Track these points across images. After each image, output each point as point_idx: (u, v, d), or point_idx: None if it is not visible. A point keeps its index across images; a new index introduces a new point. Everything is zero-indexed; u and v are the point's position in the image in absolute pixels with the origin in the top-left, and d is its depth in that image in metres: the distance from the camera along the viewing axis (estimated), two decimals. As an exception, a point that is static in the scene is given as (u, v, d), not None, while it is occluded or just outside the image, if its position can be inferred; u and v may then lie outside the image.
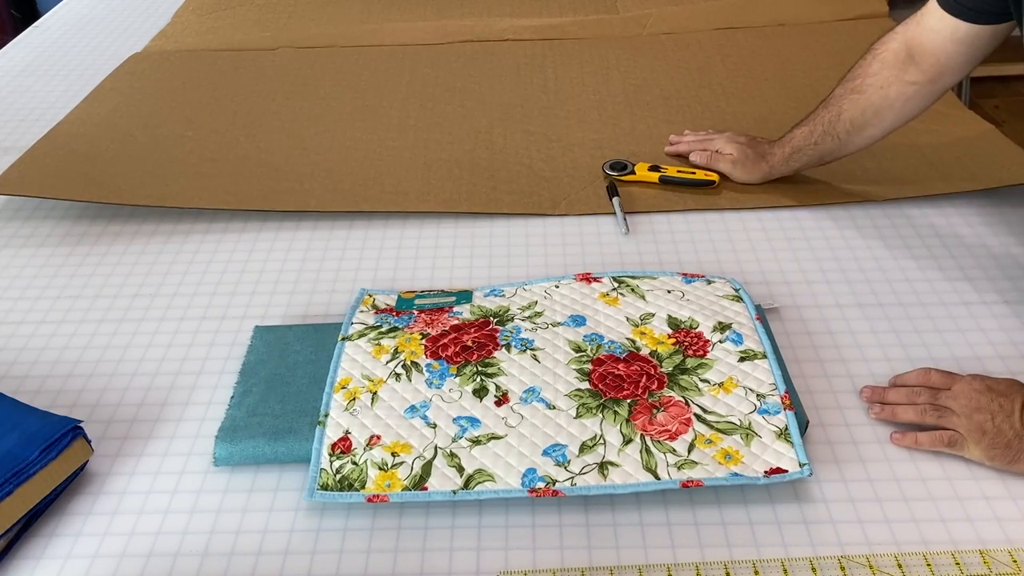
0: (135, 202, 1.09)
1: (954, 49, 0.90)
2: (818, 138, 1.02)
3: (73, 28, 1.68)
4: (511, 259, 1.00)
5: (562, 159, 1.17)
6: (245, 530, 0.70)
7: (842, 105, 0.99)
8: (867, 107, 0.98)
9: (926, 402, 0.76)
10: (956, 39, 0.89)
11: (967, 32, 0.88)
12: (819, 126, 1.02)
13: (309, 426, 0.76)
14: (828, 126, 1.01)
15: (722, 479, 0.70)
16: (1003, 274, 0.95)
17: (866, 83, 0.97)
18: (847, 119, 0.99)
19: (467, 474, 0.71)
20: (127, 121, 1.28)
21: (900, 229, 1.03)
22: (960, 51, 0.90)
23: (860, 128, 0.99)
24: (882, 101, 0.96)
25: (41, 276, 1.00)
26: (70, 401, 0.83)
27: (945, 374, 0.78)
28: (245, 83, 1.40)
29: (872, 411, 0.78)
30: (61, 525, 0.71)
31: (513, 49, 1.49)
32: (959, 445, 0.73)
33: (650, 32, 1.54)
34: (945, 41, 0.90)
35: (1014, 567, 0.65)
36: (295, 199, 1.10)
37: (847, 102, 0.99)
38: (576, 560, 0.67)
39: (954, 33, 0.89)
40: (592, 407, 0.76)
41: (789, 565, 0.66)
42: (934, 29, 0.90)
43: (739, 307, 0.86)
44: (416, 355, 0.82)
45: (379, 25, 1.60)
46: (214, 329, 0.91)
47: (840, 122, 1.00)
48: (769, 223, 1.05)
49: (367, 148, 1.21)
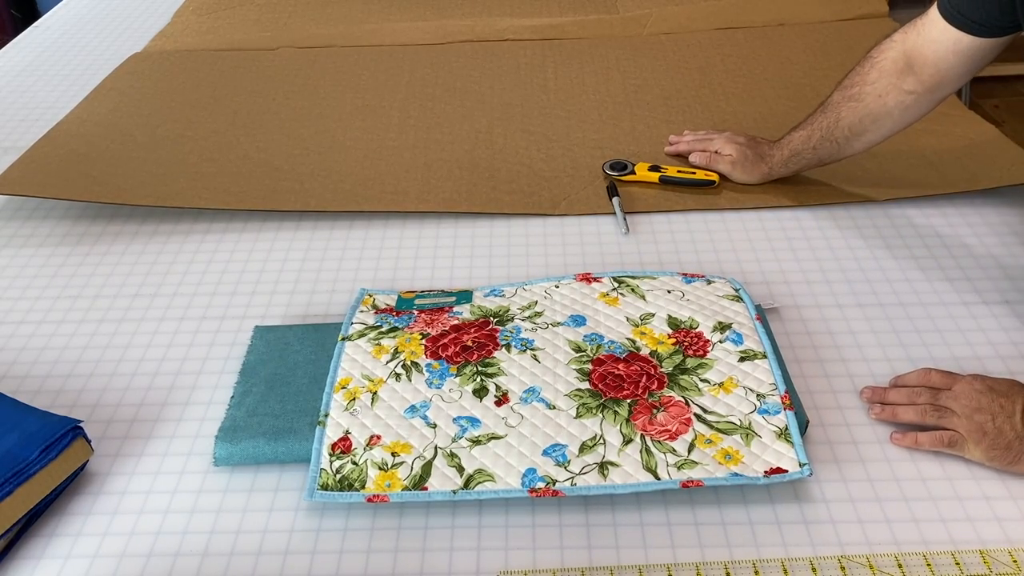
0: (135, 202, 1.09)
1: (955, 60, 0.89)
2: (816, 143, 1.02)
3: (73, 28, 1.68)
4: (511, 259, 1.00)
5: (562, 159, 1.17)
6: (245, 530, 0.70)
7: (840, 111, 0.99)
8: (865, 115, 0.97)
9: (926, 402, 0.76)
10: (958, 51, 0.88)
11: (969, 44, 0.87)
12: (817, 131, 1.02)
13: (309, 426, 0.76)
14: (826, 131, 1.01)
15: (722, 479, 0.70)
16: (1003, 274, 0.95)
17: (864, 91, 0.97)
18: (845, 125, 0.99)
19: (467, 474, 0.71)
20: (127, 121, 1.28)
21: (900, 229, 1.03)
22: (961, 62, 0.89)
23: (859, 134, 0.99)
24: (880, 109, 0.96)
25: (41, 276, 1.00)
26: (70, 401, 0.83)
27: (946, 374, 0.78)
28: (245, 83, 1.40)
29: (872, 411, 0.78)
30: (61, 525, 0.71)
31: (513, 49, 1.49)
32: (959, 445, 0.73)
33: (650, 32, 1.54)
34: (946, 52, 0.89)
35: (1014, 567, 0.65)
36: (295, 199, 1.10)
37: (845, 109, 0.99)
38: (576, 560, 0.67)
39: (956, 45, 0.88)
40: (592, 407, 0.76)
41: (789, 565, 0.66)
42: (935, 40, 0.89)
43: (739, 307, 0.86)
44: (416, 355, 0.82)
45: (379, 25, 1.60)
46: (214, 329, 0.91)
47: (838, 128, 1.00)
48: (769, 223, 1.05)
49: (367, 148, 1.21)
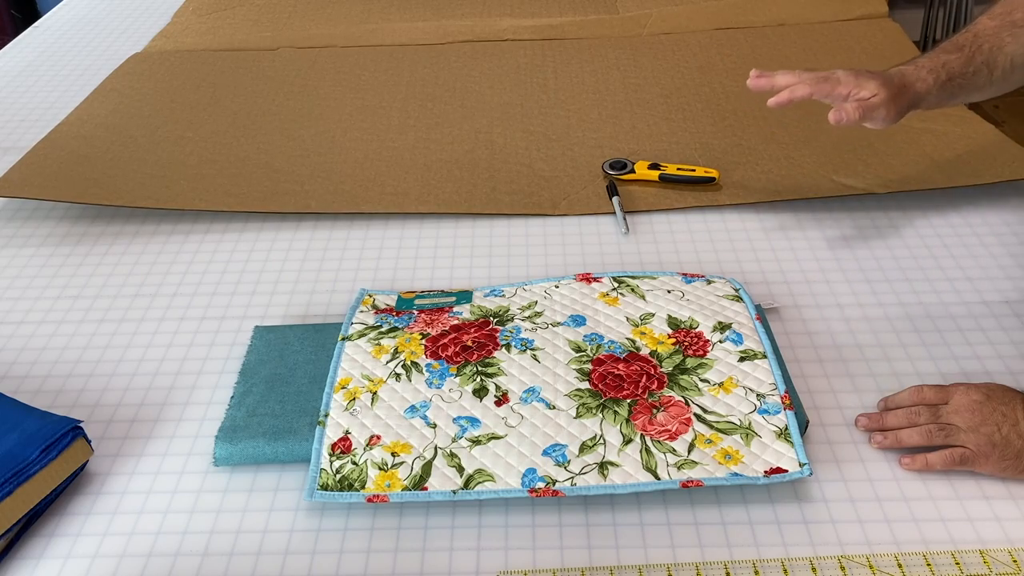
0: (136, 204, 1.09)
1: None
2: (976, 68, 0.89)
3: (73, 28, 1.68)
4: (511, 259, 1.00)
5: (562, 159, 1.17)
6: (245, 530, 0.70)
7: (1002, 38, 0.88)
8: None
9: (928, 422, 0.73)
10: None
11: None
12: (978, 55, 0.89)
13: (309, 426, 0.76)
14: (988, 57, 0.88)
15: (722, 479, 0.70)
16: (1003, 274, 0.95)
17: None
18: (1009, 53, 0.87)
19: (467, 474, 0.71)
20: (127, 122, 1.28)
21: (900, 229, 1.03)
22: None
23: (1021, 66, 0.87)
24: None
25: (41, 276, 1.00)
26: (70, 401, 0.83)
27: (938, 389, 0.76)
28: (245, 83, 1.40)
29: (874, 440, 0.75)
30: (61, 525, 0.71)
31: (513, 49, 1.49)
32: (971, 461, 0.71)
33: (650, 32, 1.54)
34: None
35: (1014, 567, 0.65)
36: (295, 200, 1.10)
37: (1009, 36, 0.87)
38: (576, 560, 0.67)
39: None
40: (592, 407, 0.76)
41: (789, 565, 0.66)
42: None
43: (739, 307, 0.86)
44: (416, 355, 0.82)
45: (379, 25, 1.60)
46: (214, 329, 0.91)
47: (1002, 55, 0.87)
48: (769, 223, 1.05)
49: (367, 149, 1.21)
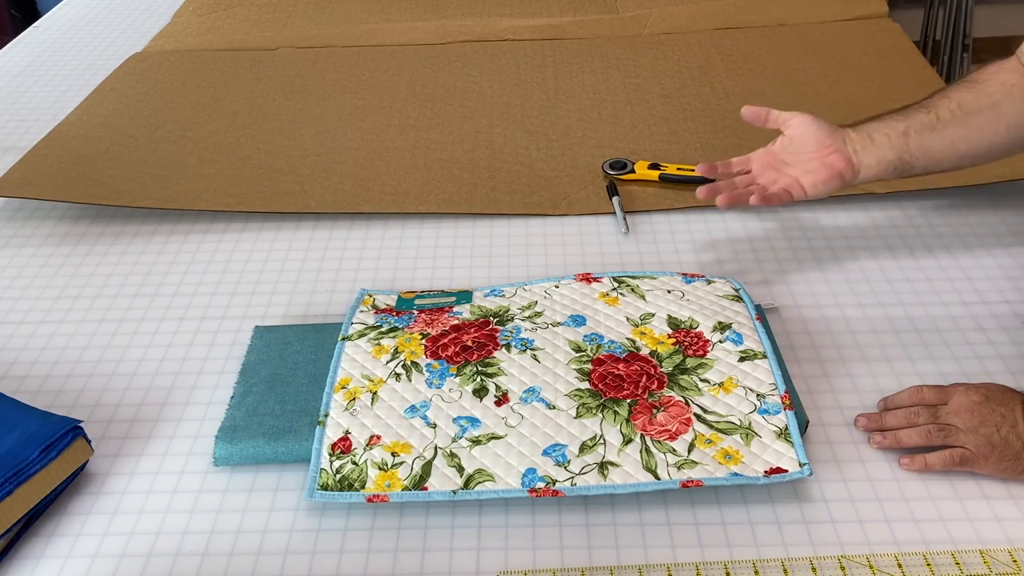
0: (136, 204, 1.09)
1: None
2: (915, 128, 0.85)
3: (73, 28, 1.68)
4: (511, 259, 1.00)
5: (562, 159, 1.17)
6: (245, 530, 0.70)
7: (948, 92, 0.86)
8: (982, 95, 0.84)
9: (928, 422, 0.73)
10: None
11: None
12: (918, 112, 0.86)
13: (309, 426, 0.76)
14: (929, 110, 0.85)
15: (722, 479, 0.70)
16: (1003, 274, 0.95)
17: (982, 78, 0.85)
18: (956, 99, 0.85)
19: (467, 474, 0.71)
20: (127, 122, 1.28)
21: (900, 229, 1.03)
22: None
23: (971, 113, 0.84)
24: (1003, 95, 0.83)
25: (41, 276, 1.00)
26: (70, 401, 0.83)
27: (937, 389, 0.76)
28: (245, 83, 1.40)
29: (873, 440, 0.75)
30: (61, 525, 0.71)
31: (513, 49, 1.49)
32: (970, 462, 0.71)
33: (650, 32, 1.54)
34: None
35: (1014, 567, 0.65)
36: (295, 200, 1.10)
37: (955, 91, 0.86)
38: (576, 560, 0.67)
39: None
40: (592, 407, 0.76)
41: (789, 565, 0.66)
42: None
43: (739, 307, 0.86)
44: (416, 355, 0.82)
45: (379, 25, 1.60)
46: (214, 329, 0.91)
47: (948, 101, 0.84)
48: (769, 223, 1.05)
49: (367, 149, 1.21)
